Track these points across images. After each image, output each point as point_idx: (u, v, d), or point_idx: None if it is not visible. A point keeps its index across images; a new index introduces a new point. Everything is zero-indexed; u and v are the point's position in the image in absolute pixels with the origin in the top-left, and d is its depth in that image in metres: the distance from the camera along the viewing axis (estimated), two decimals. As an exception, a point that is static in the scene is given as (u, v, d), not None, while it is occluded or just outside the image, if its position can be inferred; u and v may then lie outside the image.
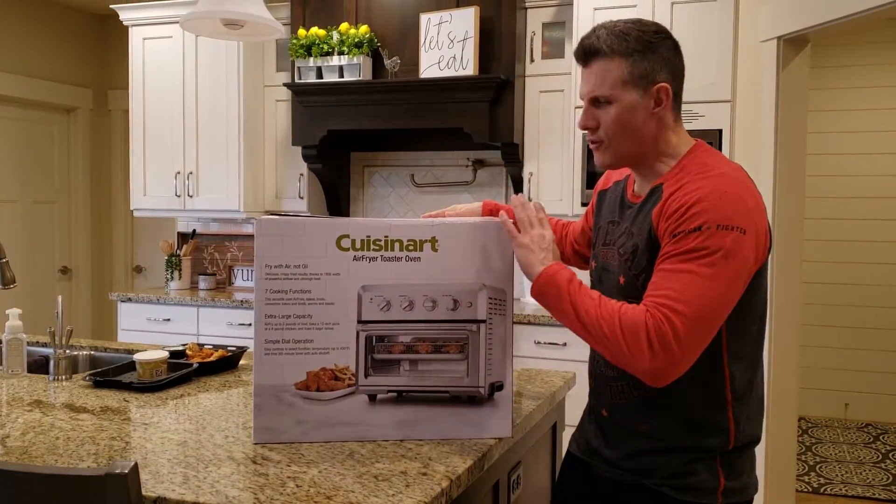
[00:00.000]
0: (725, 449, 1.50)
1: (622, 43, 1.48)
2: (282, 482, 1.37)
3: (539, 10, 4.02)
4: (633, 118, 1.49)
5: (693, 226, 1.37)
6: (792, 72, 3.39)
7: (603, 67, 1.49)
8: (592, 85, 1.51)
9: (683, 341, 1.34)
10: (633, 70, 1.47)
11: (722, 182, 1.41)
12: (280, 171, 4.58)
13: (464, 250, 1.60)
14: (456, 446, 1.58)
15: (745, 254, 1.38)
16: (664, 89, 1.49)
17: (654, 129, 1.51)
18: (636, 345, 1.35)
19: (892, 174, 5.42)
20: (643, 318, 1.35)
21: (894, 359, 5.43)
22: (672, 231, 1.40)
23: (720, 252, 1.35)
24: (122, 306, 4.51)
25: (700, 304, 1.35)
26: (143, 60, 4.63)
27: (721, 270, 1.35)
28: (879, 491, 4.17)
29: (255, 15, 2.26)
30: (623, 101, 1.49)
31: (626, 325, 1.36)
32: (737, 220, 1.37)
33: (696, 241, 1.36)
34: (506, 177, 4.37)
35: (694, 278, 1.35)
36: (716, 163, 1.48)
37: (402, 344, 1.61)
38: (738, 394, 1.49)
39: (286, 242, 1.56)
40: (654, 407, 1.52)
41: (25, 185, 5.48)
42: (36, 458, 1.50)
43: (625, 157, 1.54)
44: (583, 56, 1.53)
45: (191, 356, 2.33)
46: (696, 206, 1.38)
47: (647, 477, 1.54)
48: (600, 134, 1.53)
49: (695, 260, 1.36)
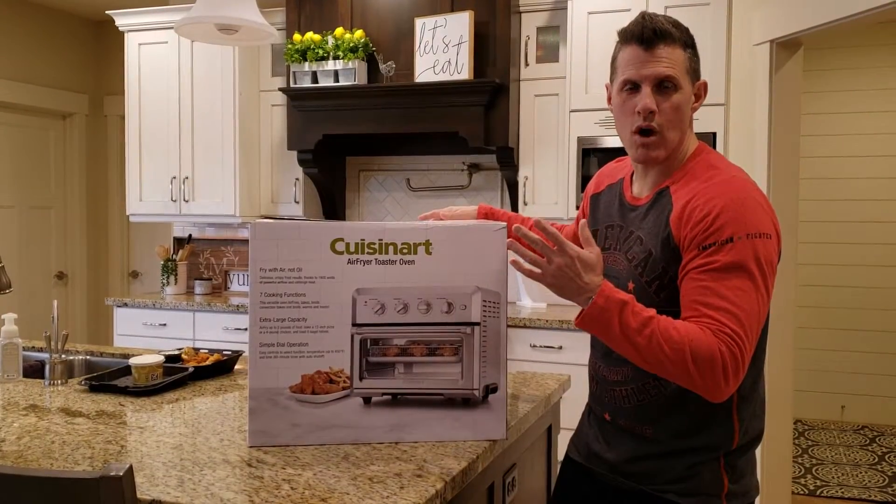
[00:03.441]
0: (729, 449, 1.50)
1: (683, 33, 1.51)
2: (277, 485, 1.38)
3: (533, 15, 4.04)
4: (686, 109, 1.51)
5: (724, 237, 1.37)
6: (785, 75, 3.41)
7: (670, 52, 1.49)
8: (664, 66, 1.47)
9: (747, 359, 1.37)
10: (691, 61, 1.52)
11: (737, 188, 1.43)
12: (276, 176, 4.58)
13: (458, 253, 1.60)
14: (450, 448, 1.59)
15: (773, 257, 1.41)
16: (704, 86, 1.55)
17: (688, 123, 1.54)
18: (711, 376, 1.34)
19: (885, 176, 5.44)
20: (717, 349, 1.33)
21: (890, 361, 5.45)
22: (701, 243, 1.39)
23: (755, 261, 1.37)
24: (118, 311, 4.51)
25: (753, 320, 1.37)
26: (138, 66, 4.64)
27: (760, 280, 1.38)
28: (876, 493, 4.18)
29: (250, 20, 2.27)
30: (685, 89, 1.50)
31: (701, 357, 1.33)
32: (762, 226, 1.39)
33: (731, 255, 1.36)
34: (501, 181, 4.38)
35: (742, 294, 1.36)
36: (722, 165, 1.51)
37: (397, 347, 1.61)
38: (743, 395, 1.50)
39: (281, 246, 1.57)
40: (659, 410, 1.51)
41: (22, 190, 5.48)
42: (31, 461, 1.50)
43: (672, 149, 1.52)
44: (652, 37, 1.47)
45: (186, 360, 2.34)
46: (722, 217, 1.38)
47: (650, 483, 1.53)
48: (658, 121, 1.48)
49: (736, 275, 1.36)
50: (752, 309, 1.36)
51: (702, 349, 1.33)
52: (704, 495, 1.49)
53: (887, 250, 5.46)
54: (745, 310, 1.35)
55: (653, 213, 1.50)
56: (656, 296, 1.46)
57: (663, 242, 1.46)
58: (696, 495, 1.49)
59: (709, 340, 1.33)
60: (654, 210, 1.50)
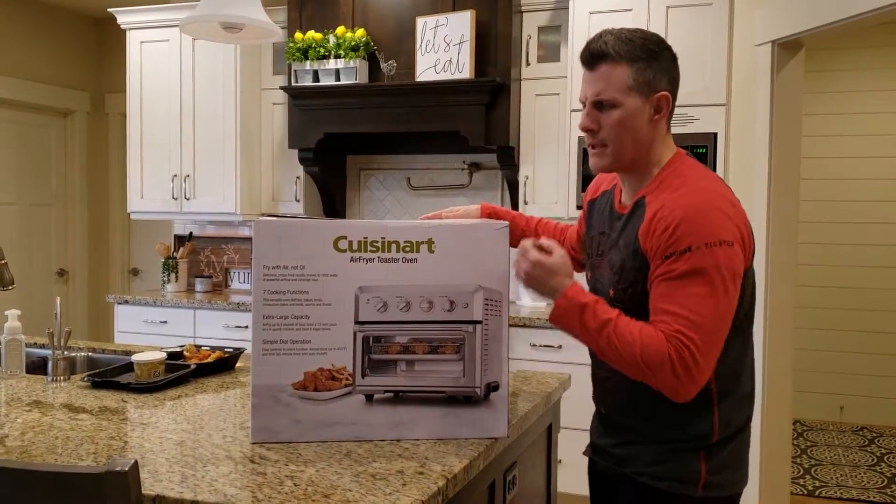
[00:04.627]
0: (710, 441, 1.55)
1: (629, 49, 1.52)
2: (279, 481, 1.39)
3: (535, 14, 4.05)
4: (633, 123, 1.54)
5: (683, 247, 1.43)
6: (786, 76, 3.41)
7: (609, 71, 1.53)
8: (598, 88, 1.54)
9: (701, 362, 1.41)
10: (638, 76, 1.52)
11: (701, 198, 1.47)
12: (276, 174, 4.59)
13: (460, 252, 1.61)
14: (452, 446, 1.59)
15: (735, 264, 1.45)
16: (665, 98, 1.54)
17: (651, 136, 1.56)
18: (662, 376, 1.42)
19: (885, 177, 5.45)
20: (666, 352, 1.41)
21: (889, 362, 5.45)
22: (662, 252, 1.46)
23: (715, 269, 1.42)
24: (118, 308, 4.51)
25: (708, 322, 1.42)
26: (140, 64, 4.64)
27: (718, 286, 1.42)
28: (874, 494, 4.19)
29: (253, 18, 2.28)
30: (627, 106, 1.53)
31: (650, 357, 1.42)
32: (722, 234, 1.43)
33: (689, 263, 1.43)
34: (501, 180, 4.39)
35: (698, 300, 1.42)
36: (694, 175, 1.54)
37: (399, 344, 1.62)
38: (723, 392, 1.55)
39: (284, 244, 1.57)
40: (641, 407, 1.58)
41: (23, 187, 5.48)
42: (35, 457, 1.51)
43: (621, 161, 1.57)
44: (589, 59, 1.56)
45: (188, 357, 2.34)
46: (682, 227, 1.44)
47: (629, 465, 1.61)
48: (601, 136, 1.56)
49: (693, 281, 1.42)
50: (708, 313, 1.42)
51: (651, 351, 1.42)
52: (678, 481, 1.55)
53: (887, 251, 5.46)
54: (701, 314, 1.42)
55: (630, 223, 1.57)
56: (631, 302, 1.54)
57: (633, 252, 1.53)
58: (670, 480, 1.55)
59: (659, 343, 1.42)
60: (632, 220, 1.57)
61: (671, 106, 1.56)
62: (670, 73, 1.56)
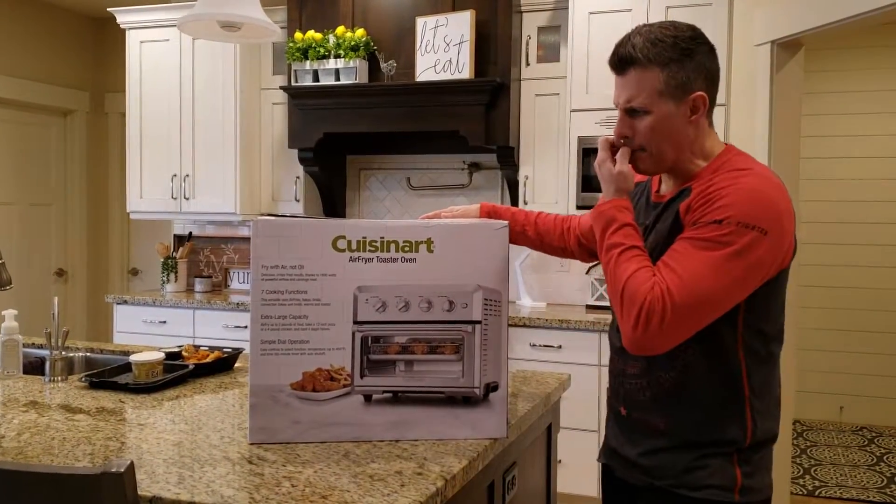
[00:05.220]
0: (742, 446, 1.49)
1: (658, 51, 1.46)
2: (277, 482, 1.38)
3: (534, 14, 4.04)
4: (669, 127, 1.49)
5: (715, 217, 1.39)
6: (786, 75, 3.41)
7: (639, 77, 1.47)
8: (629, 94, 1.49)
9: (669, 323, 1.37)
10: (670, 80, 1.46)
11: (754, 180, 1.42)
12: (276, 174, 4.59)
13: (459, 252, 1.60)
14: (451, 446, 1.59)
15: (761, 254, 1.39)
16: (701, 98, 1.48)
17: (692, 135, 1.51)
18: (629, 313, 1.40)
19: (885, 178, 5.44)
20: (645, 293, 1.38)
21: (889, 362, 5.45)
22: (694, 220, 1.42)
23: (734, 248, 1.37)
24: (117, 308, 4.51)
25: (699, 294, 1.37)
26: (139, 63, 4.64)
27: (730, 267, 1.37)
28: (874, 494, 4.18)
29: (252, 17, 2.27)
30: (660, 112, 1.47)
31: (629, 292, 1.41)
32: (760, 220, 1.38)
33: (714, 233, 1.38)
34: (501, 180, 4.38)
35: (701, 268, 1.37)
36: (750, 163, 1.49)
37: (398, 345, 1.61)
38: (755, 390, 1.49)
39: (282, 243, 1.57)
40: (671, 403, 1.52)
41: (22, 187, 5.48)
42: (31, 458, 1.50)
43: (663, 164, 1.53)
44: (618, 65, 1.50)
45: (187, 357, 2.34)
46: (723, 200, 1.39)
47: (662, 478, 1.53)
48: (638, 142, 1.51)
49: (708, 250, 1.38)
50: (706, 285, 1.37)
51: (632, 287, 1.41)
52: (717, 488, 1.48)
53: (887, 252, 5.46)
54: (698, 283, 1.37)
55: (670, 206, 1.53)
56: None
57: (671, 228, 1.50)
58: (708, 488, 1.49)
59: (643, 285, 1.39)
60: (672, 204, 1.53)
61: (709, 103, 1.50)
62: (707, 68, 1.49)
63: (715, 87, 1.52)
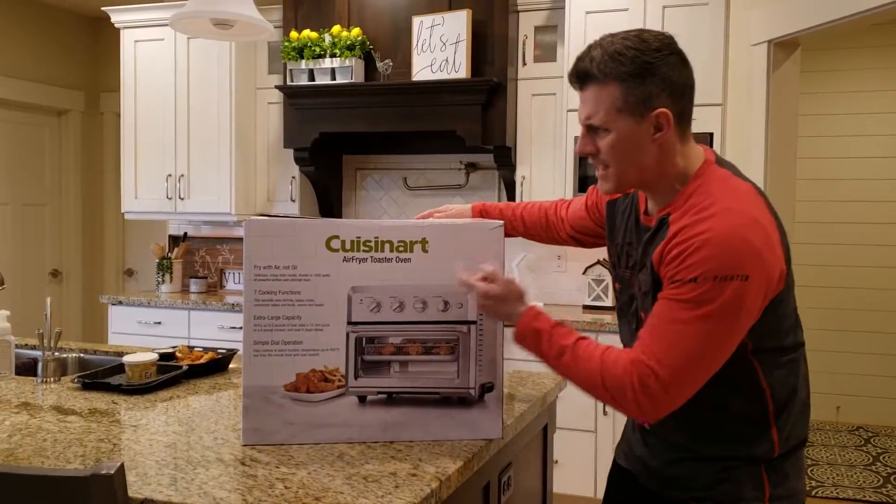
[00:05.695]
0: (770, 458, 1.44)
1: (616, 66, 1.36)
2: (270, 484, 1.37)
3: (531, 14, 4.03)
4: (631, 146, 1.39)
5: (690, 276, 1.31)
6: (782, 75, 3.40)
7: (596, 93, 1.39)
8: (588, 111, 1.41)
9: (666, 393, 1.32)
10: (628, 96, 1.36)
11: (724, 224, 1.31)
12: (272, 174, 4.57)
13: (454, 251, 1.59)
14: (446, 447, 1.58)
15: (748, 301, 1.31)
16: (664, 115, 1.37)
17: (657, 155, 1.40)
18: (623, 400, 1.35)
19: (882, 178, 5.44)
20: (627, 377, 1.33)
21: (885, 362, 5.45)
22: (671, 276, 1.35)
23: (716, 304, 1.29)
24: (112, 309, 4.49)
25: (683, 357, 1.31)
26: (134, 63, 4.62)
27: (714, 320, 1.30)
28: (870, 493, 4.18)
29: (244, 14, 2.26)
30: (619, 129, 1.38)
31: (612, 384, 1.35)
32: (738, 267, 1.29)
33: (692, 293, 1.30)
34: (498, 180, 4.37)
35: (682, 333, 1.31)
36: (723, 192, 1.37)
37: (393, 345, 1.60)
38: (780, 404, 1.43)
39: (275, 243, 1.56)
40: (693, 424, 1.47)
41: (16, 187, 5.46)
42: (22, 460, 1.49)
43: (626, 183, 1.46)
44: (576, 80, 1.43)
45: (180, 358, 2.32)
46: (696, 255, 1.31)
47: (687, 490, 1.48)
48: (601, 159, 1.43)
49: (688, 310, 1.31)
50: (686, 347, 1.31)
51: (611, 376, 1.35)
52: (744, 501, 1.43)
53: (882, 252, 5.46)
54: (678, 348, 1.31)
55: (654, 242, 1.45)
56: None
57: (651, 276, 1.43)
58: (736, 500, 1.43)
59: (622, 369, 1.34)
60: (655, 239, 1.44)
61: (680, 118, 1.40)
62: (672, 83, 1.37)
63: (684, 100, 1.41)
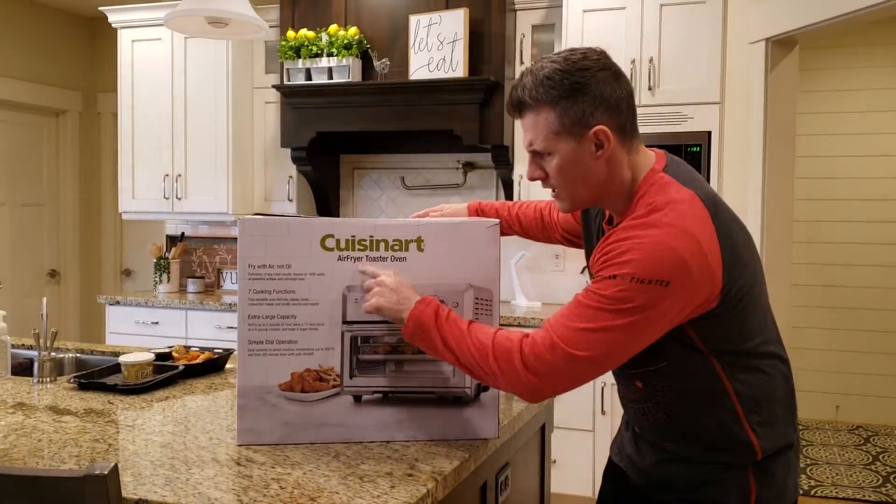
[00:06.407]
0: (755, 459, 1.45)
1: (547, 91, 1.38)
2: (266, 484, 1.36)
3: (528, 13, 4.03)
4: (576, 166, 1.41)
5: (609, 273, 1.32)
6: (780, 73, 3.40)
7: (533, 120, 1.41)
8: (529, 138, 1.44)
9: (555, 375, 1.34)
10: (563, 119, 1.38)
11: (655, 233, 1.32)
12: (269, 174, 4.56)
13: (450, 250, 1.59)
14: (442, 447, 1.57)
15: (664, 306, 1.30)
16: (602, 132, 1.38)
17: (605, 170, 1.42)
18: (509, 369, 1.36)
19: (880, 176, 5.44)
20: (517, 347, 1.36)
21: (885, 361, 5.45)
22: (597, 272, 1.36)
23: (630, 304, 1.30)
24: (110, 309, 4.48)
25: (585, 348, 1.32)
26: (131, 63, 4.61)
27: (621, 320, 1.31)
28: (870, 493, 4.17)
29: (240, 13, 2.25)
30: (561, 152, 1.40)
31: (499, 351, 1.37)
32: (660, 274, 1.29)
33: (610, 290, 1.31)
34: (496, 179, 4.36)
35: (594, 320, 1.32)
36: (662, 202, 1.36)
37: (388, 344, 1.60)
38: (749, 406, 1.43)
39: (270, 242, 1.55)
40: (673, 431, 1.50)
41: (13, 187, 5.45)
42: (17, 460, 1.48)
43: (579, 202, 1.48)
44: (513, 108, 1.46)
45: (177, 358, 2.32)
46: (623, 256, 1.32)
47: (674, 491, 1.51)
48: (552, 182, 1.45)
49: (603, 304, 1.32)
50: (592, 340, 1.32)
51: (505, 343, 1.38)
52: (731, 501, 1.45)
53: (881, 250, 5.46)
54: (584, 336, 1.32)
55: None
56: None
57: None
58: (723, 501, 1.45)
59: (516, 338, 1.38)
60: None
61: (618, 134, 1.40)
62: (605, 99, 1.38)
63: (622, 113, 1.40)
